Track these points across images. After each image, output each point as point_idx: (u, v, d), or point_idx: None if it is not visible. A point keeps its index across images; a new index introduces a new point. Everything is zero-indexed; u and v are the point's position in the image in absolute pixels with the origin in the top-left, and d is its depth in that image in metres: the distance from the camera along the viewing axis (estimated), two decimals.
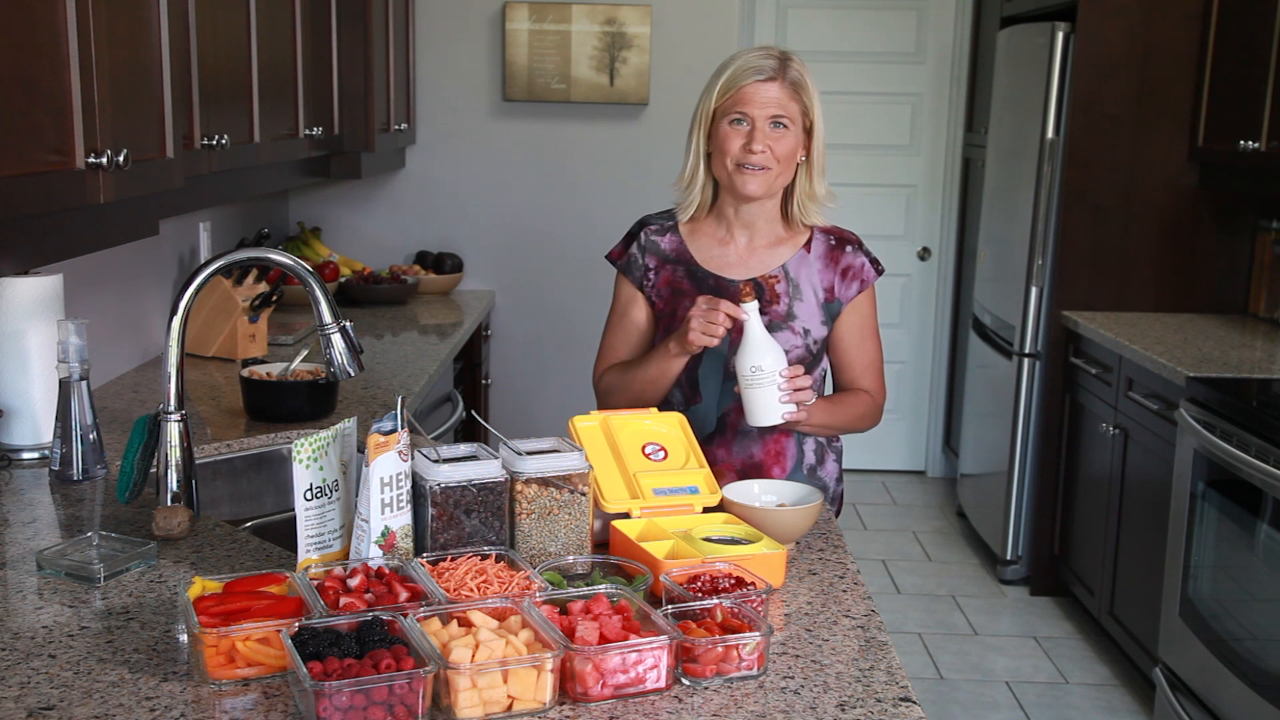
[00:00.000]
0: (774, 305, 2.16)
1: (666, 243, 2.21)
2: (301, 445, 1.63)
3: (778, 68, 2.08)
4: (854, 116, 5.51)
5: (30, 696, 1.36)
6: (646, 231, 2.23)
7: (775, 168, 2.10)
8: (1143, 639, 3.56)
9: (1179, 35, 4.07)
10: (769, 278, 2.17)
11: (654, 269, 2.21)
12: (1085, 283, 4.23)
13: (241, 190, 2.87)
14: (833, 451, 2.31)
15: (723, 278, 2.17)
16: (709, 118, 2.13)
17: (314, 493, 1.64)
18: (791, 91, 2.09)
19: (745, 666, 1.43)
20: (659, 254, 2.21)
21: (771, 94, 2.08)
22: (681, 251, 2.20)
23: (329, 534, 1.67)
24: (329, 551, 1.67)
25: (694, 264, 2.19)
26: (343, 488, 1.69)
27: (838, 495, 2.32)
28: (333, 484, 1.67)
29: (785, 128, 2.09)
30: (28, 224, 1.60)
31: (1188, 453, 3.21)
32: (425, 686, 1.30)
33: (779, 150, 2.09)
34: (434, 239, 4.74)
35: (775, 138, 2.08)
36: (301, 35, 3.13)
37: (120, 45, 1.80)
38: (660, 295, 2.20)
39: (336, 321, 1.95)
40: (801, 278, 2.19)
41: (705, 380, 2.17)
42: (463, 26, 4.64)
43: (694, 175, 2.17)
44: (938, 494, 5.56)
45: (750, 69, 2.08)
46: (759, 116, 2.08)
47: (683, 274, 2.19)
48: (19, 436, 2.28)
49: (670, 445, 1.95)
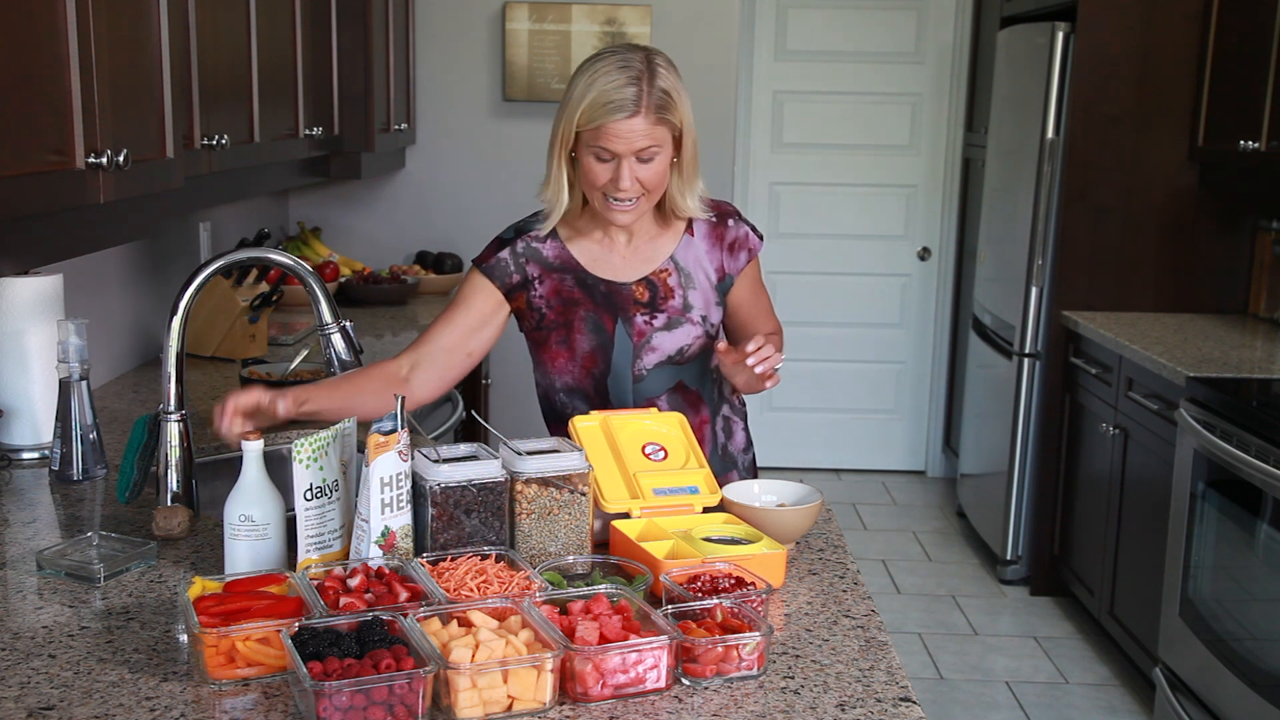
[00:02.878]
0: (669, 300, 2.11)
1: (549, 250, 2.10)
2: (301, 445, 1.62)
3: (638, 97, 1.91)
4: (854, 116, 5.52)
5: (30, 696, 1.36)
6: (525, 239, 2.10)
7: (645, 196, 2.01)
8: (1143, 639, 3.56)
9: (1179, 35, 4.07)
10: (659, 272, 2.11)
11: (538, 278, 2.10)
12: (1085, 283, 4.23)
13: (241, 190, 2.87)
14: (738, 416, 2.28)
15: (614, 282, 2.10)
16: (570, 140, 1.98)
17: (314, 493, 1.64)
18: (656, 118, 1.93)
19: (745, 666, 1.43)
20: (542, 262, 2.10)
21: (637, 128, 1.92)
22: (566, 259, 2.10)
23: (329, 534, 1.67)
24: (329, 551, 1.67)
25: (582, 270, 2.10)
26: (343, 488, 1.69)
27: (749, 464, 2.29)
28: (333, 484, 1.66)
29: (652, 159, 1.96)
30: (28, 224, 1.60)
31: (1188, 453, 3.21)
32: (425, 686, 1.30)
33: (648, 180, 1.97)
34: (434, 239, 4.74)
35: (644, 169, 1.96)
36: (301, 35, 3.13)
37: (120, 45, 1.80)
38: (550, 306, 2.11)
39: (336, 321, 1.95)
40: (690, 263, 2.13)
41: (615, 385, 2.13)
42: (463, 26, 4.64)
43: (558, 192, 2.04)
44: (938, 494, 5.56)
45: (610, 104, 1.91)
46: (624, 153, 1.93)
47: (571, 282, 2.10)
48: (19, 436, 2.28)
49: (670, 445, 1.95)
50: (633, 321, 2.11)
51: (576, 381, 2.14)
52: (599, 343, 2.11)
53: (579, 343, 2.11)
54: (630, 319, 2.11)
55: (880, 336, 5.71)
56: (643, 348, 2.11)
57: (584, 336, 2.11)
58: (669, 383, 2.15)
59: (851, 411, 5.72)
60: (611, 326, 2.11)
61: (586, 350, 2.12)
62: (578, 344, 2.11)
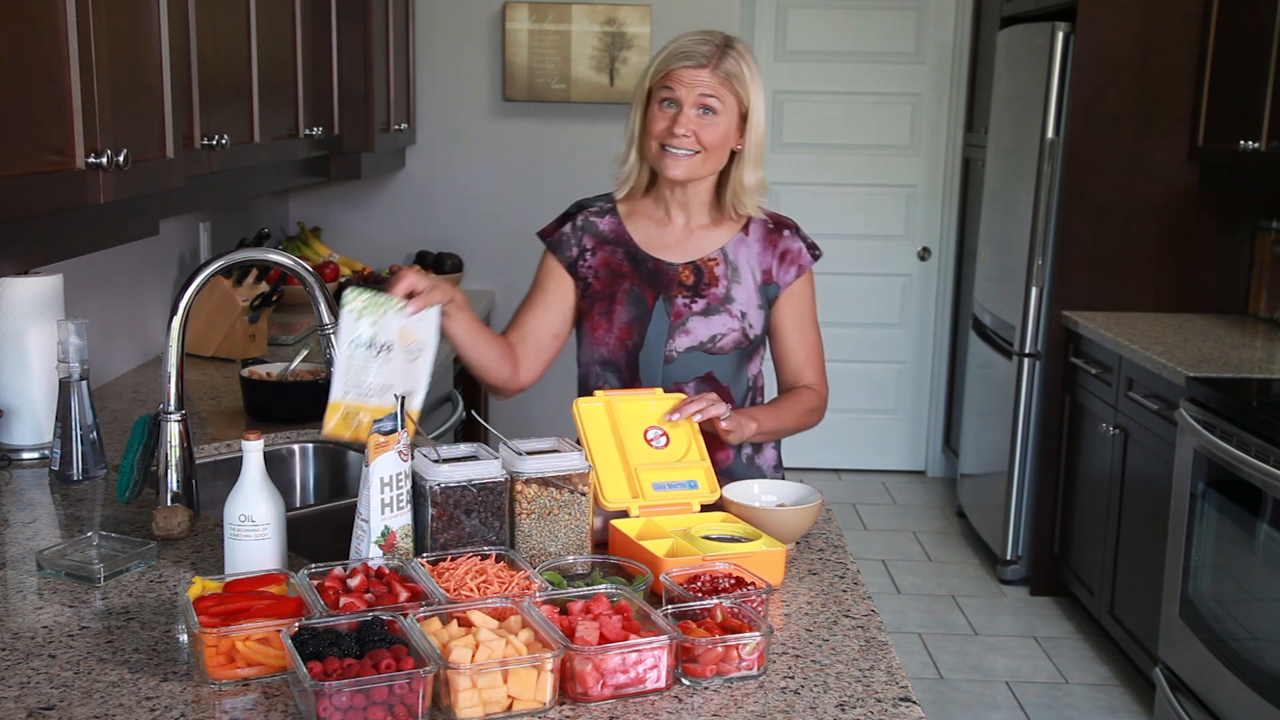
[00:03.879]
0: (712, 288, 2.15)
1: (605, 224, 2.19)
2: (352, 294, 1.72)
3: (711, 54, 2.05)
4: (854, 116, 5.52)
5: (30, 696, 1.36)
6: (585, 214, 2.20)
7: (700, 153, 2.07)
8: (1143, 639, 3.56)
9: (1179, 35, 4.07)
10: (708, 260, 2.16)
11: (590, 249, 2.19)
12: (1085, 283, 4.23)
13: (241, 190, 2.87)
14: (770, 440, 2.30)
15: (661, 260, 2.17)
16: (645, 98, 2.11)
17: (358, 344, 1.72)
18: (722, 79, 2.05)
19: (745, 666, 1.43)
20: (597, 235, 2.19)
21: (701, 79, 2.04)
22: (620, 233, 2.19)
23: (372, 386, 1.72)
24: (361, 403, 1.71)
25: (633, 245, 2.18)
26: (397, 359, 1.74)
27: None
28: (381, 344, 1.72)
29: (714, 113, 2.06)
30: (28, 224, 1.60)
31: (1188, 453, 3.21)
32: (425, 686, 1.30)
33: (705, 137, 2.06)
34: (434, 239, 4.74)
35: (702, 124, 2.05)
36: (301, 35, 3.13)
37: (120, 45, 1.80)
38: (598, 277, 2.18)
39: (336, 321, 1.95)
40: (740, 260, 2.17)
41: (646, 361, 2.17)
42: (463, 26, 4.64)
43: (628, 154, 2.16)
44: (938, 494, 5.56)
45: (682, 53, 2.05)
46: (686, 99, 2.04)
47: (622, 255, 2.18)
48: (19, 436, 2.28)
49: (672, 431, 1.95)
50: (673, 301, 2.15)
51: (611, 354, 2.19)
52: (636, 315, 2.16)
53: (618, 314, 2.16)
54: (671, 298, 2.15)
55: (880, 336, 5.71)
56: (677, 328, 2.15)
57: (624, 308, 2.16)
58: (699, 370, 2.17)
59: (851, 411, 5.72)
60: (652, 302, 2.16)
61: (624, 322, 2.17)
62: (617, 315, 2.16)
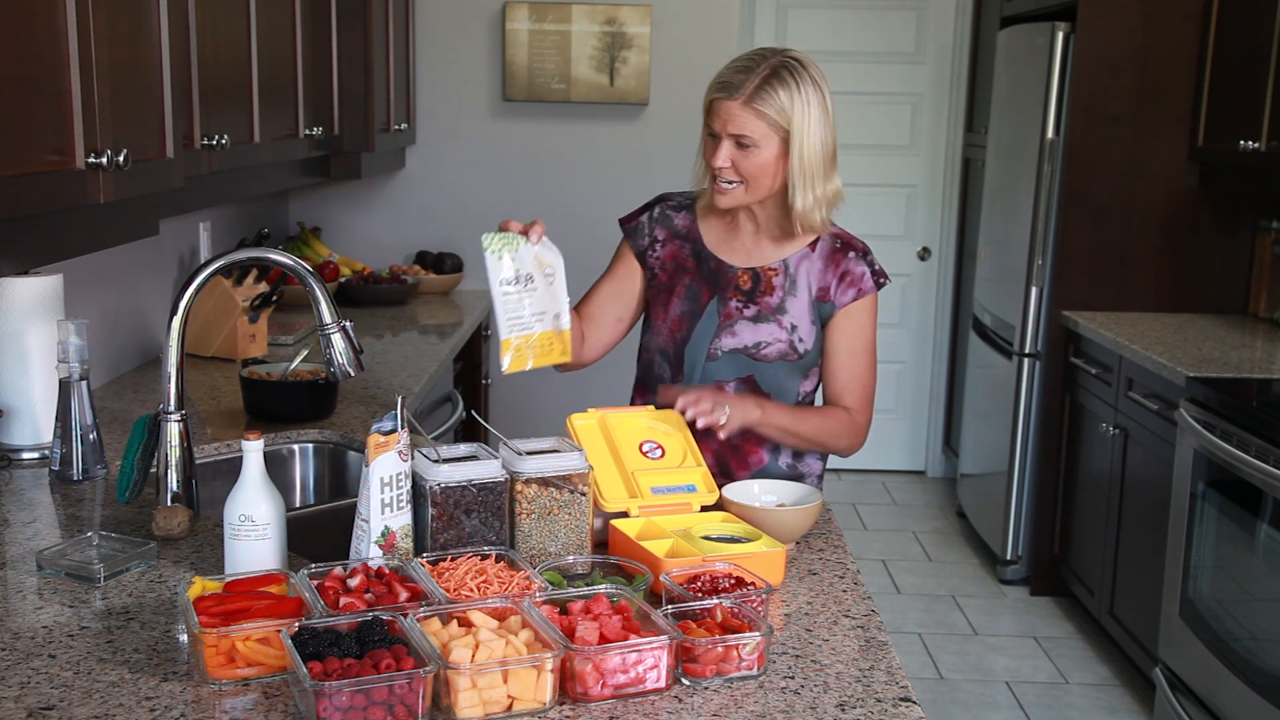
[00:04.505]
0: (766, 296, 2.17)
1: (680, 219, 2.25)
2: (490, 238, 1.87)
3: (744, 84, 2.02)
4: (854, 116, 5.50)
5: (30, 696, 1.36)
6: (663, 206, 2.26)
7: (744, 184, 2.08)
8: (1143, 639, 3.56)
9: (1179, 35, 4.07)
10: (768, 269, 2.19)
11: (661, 241, 2.24)
12: (1085, 283, 4.23)
13: (241, 190, 2.87)
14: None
15: (725, 262, 2.20)
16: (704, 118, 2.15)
17: (508, 281, 1.88)
18: (755, 112, 2.02)
19: (745, 666, 1.43)
20: (670, 228, 2.24)
21: (733, 112, 2.03)
22: (692, 229, 2.24)
23: (529, 316, 1.89)
24: (526, 333, 1.89)
25: (701, 244, 2.22)
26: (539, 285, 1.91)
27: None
28: (525, 276, 1.89)
29: (749, 146, 2.04)
30: (28, 224, 1.60)
31: (1188, 453, 3.21)
32: (425, 686, 1.30)
33: (744, 169, 2.06)
34: (434, 239, 4.74)
35: (740, 156, 2.05)
36: (301, 35, 3.13)
37: (120, 45, 1.80)
38: (664, 268, 2.23)
39: (336, 321, 1.95)
40: (800, 274, 2.19)
41: (691, 355, 2.19)
42: (463, 26, 4.64)
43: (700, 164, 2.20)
44: (938, 494, 5.56)
45: (721, 83, 2.05)
46: (722, 132, 2.06)
47: (689, 251, 2.22)
48: (19, 436, 2.28)
49: (668, 443, 1.96)
50: (727, 302, 2.18)
51: (664, 344, 2.23)
52: (689, 310, 2.20)
53: (675, 306, 2.21)
54: (726, 299, 2.18)
55: (880, 336, 5.69)
56: (725, 329, 2.18)
57: (680, 302, 2.20)
58: (741, 372, 2.18)
59: None
60: (706, 300, 2.19)
61: (677, 315, 2.21)
62: (673, 307, 2.21)
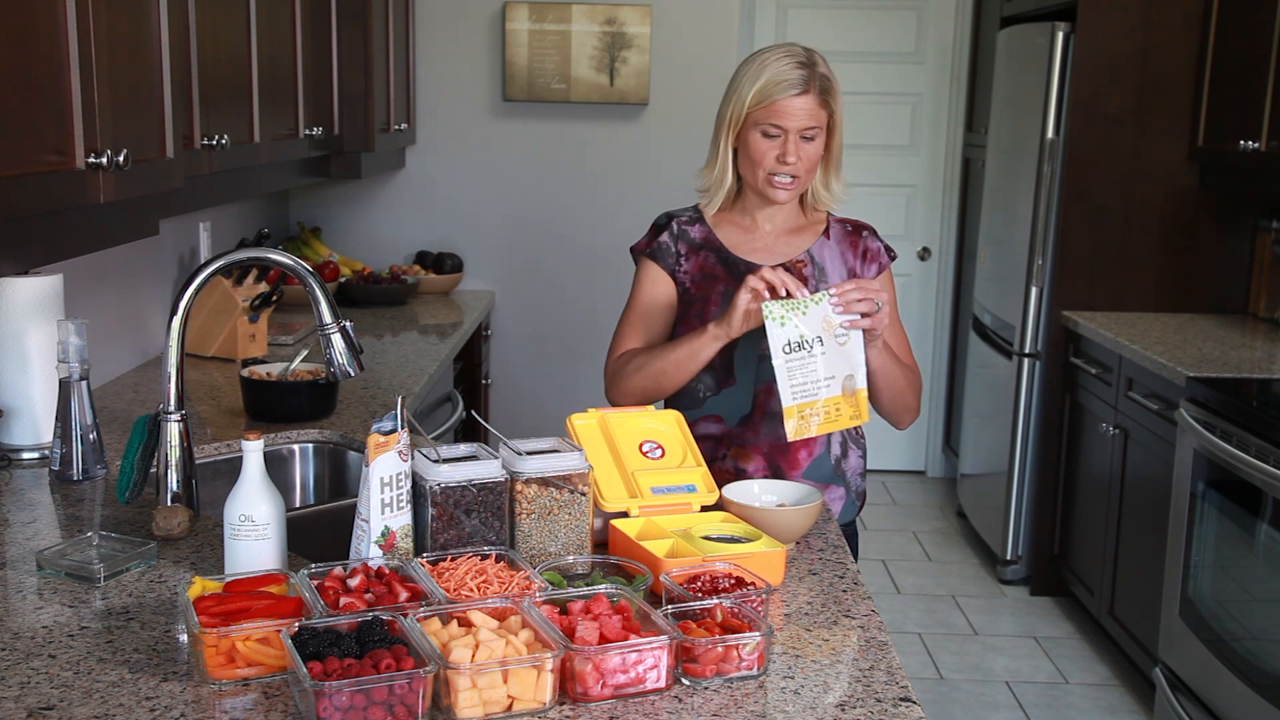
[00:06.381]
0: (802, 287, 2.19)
1: (695, 232, 2.26)
2: (771, 306, 1.93)
3: (808, 79, 2.10)
4: (854, 116, 5.46)
5: (30, 696, 1.36)
6: (676, 222, 2.27)
7: (804, 176, 2.16)
8: (1143, 639, 3.56)
9: (1179, 35, 4.07)
10: (796, 262, 2.22)
11: (684, 255, 2.26)
12: (1085, 283, 4.23)
13: (241, 190, 2.87)
14: (857, 447, 2.32)
15: (753, 263, 2.22)
16: (740, 121, 2.15)
17: (791, 347, 1.93)
18: (821, 100, 2.12)
19: (745, 666, 1.43)
20: (689, 242, 2.26)
21: (805, 107, 2.10)
22: (710, 238, 2.25)
23: (812, 384, 1.94)
24: (811, 399, 1.94)
25: (724, 249, 2.24)
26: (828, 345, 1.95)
27: (861, 491, 2.33)
28: (812, 340, 1.94)
29: (814, 138, 2.14)
30: (28, 224, 1.60)
31: (1188, 453, 3.21)
32: (425, 686, 1.30)
33: (808, 159, 2.14)
34: (434, 239, 4.74)
35: (805, 147, 2.13)
36: (301, 35, 3.13)
37: (120, 45, 1.80)
38: (693, 281, 2.24)
39: (336, 321, 1.95)
40: (825, 260, 2.24)
41: (741, 363, 2.20)
42: (463, 26, 4.64)
43: (724, 172, 2.22)
44: (938, 494, 5.56)
45: (783, 82, 2.10)
46: (792, 130, 2.11)
47: (714, 260, 2.24)
48: (19, 436, 2.28)
49: (667, 443, 1.96)
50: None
51: None
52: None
53: (712, 314, 2.19)
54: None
55: None
56: None
57: (718, 309, 2.19)
58: None
59: None
60: None
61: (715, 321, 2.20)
62: (710, 316, 2.19)
